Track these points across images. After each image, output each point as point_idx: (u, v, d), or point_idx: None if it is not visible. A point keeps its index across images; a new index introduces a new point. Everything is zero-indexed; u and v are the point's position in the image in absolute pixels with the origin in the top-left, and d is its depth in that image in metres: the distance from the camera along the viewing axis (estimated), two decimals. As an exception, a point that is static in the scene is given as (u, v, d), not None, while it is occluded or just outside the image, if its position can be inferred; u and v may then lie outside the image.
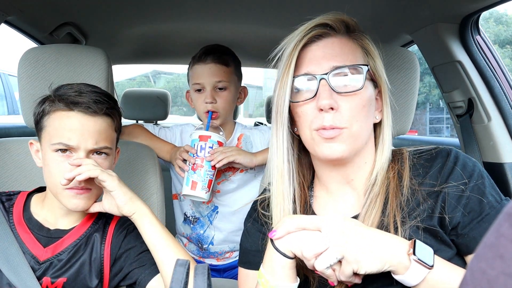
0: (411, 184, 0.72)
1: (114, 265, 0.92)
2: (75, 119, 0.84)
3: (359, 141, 0.72)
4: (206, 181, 1.24)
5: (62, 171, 0.83)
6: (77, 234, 0.91)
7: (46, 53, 1.14)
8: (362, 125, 0.71)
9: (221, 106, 1.37)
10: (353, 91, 0.70)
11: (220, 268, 1.51)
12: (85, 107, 0.84)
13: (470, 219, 0.67)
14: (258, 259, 0.81)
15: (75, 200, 0.85)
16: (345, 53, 0.72)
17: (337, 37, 0.74)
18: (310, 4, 1.32)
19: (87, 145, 0.84)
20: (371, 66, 0.74)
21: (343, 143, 0.70)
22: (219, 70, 1.36)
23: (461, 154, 0.72)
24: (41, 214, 0.91)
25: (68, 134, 0.83)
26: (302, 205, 0.81)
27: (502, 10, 15.21)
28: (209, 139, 1.25)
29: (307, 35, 0.72)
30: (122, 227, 0.95)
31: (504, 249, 0.24)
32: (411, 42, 1.51)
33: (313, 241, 0.63)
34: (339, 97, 0.70)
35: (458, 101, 1.35)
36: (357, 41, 0.75)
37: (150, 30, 1.72)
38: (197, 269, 0.41)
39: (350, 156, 0.73)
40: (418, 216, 0.69)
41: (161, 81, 17.54)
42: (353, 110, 0.70)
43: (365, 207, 0.73)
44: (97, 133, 0.85)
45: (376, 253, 0.61)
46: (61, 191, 0.84)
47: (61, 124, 0.84)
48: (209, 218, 1.46)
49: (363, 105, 0.70)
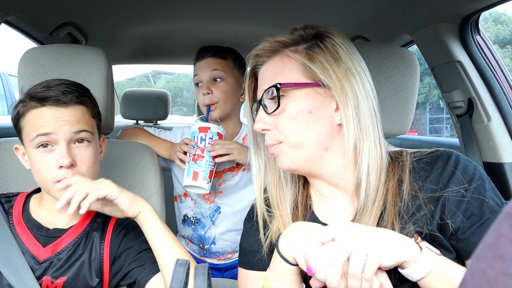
0: (410, 189, 0.72)
1: (113, 264, 0.92)
2: (48, 113, 0.85)
3: (306, 150, 0.73)
4: (208, 171, 1.24)
5: (47, 167, 0.84)
6: (76, 232, 0.91)
7: (46, 53, 1.14)
8: (300, 135, 0.72)
9: (218, 97, 1.38)
10: (274, 110, 0.74)
11: (221, 267, 1.51)
12: (55, 100, 0.85)
13: (471, 224, 0.67)
14: (258, 259, 0.81)
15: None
16: (274, 74, 0.75)
17: (269, 61, 0.78)
18: (309, 4, 1.32)
19: (65, 131, 0.84)
20: (309, 72, 0.72)
21: (286, 156, 0.75)
22: (214, 62, 1.40)
23: (462, 157, 0.72)
24: (40, 214, 0.92)
25: (44, 126, 0.84)
26: (303, 206, 0.81)
27: (501, 9, 15.21)
28: (209, 130, 1.26)
29: (250, 67, 0.83)
30: (121, 226, 0.95)
31: (504, 249, 0.24)
32: (411, 42, 1.51)
33: (334, 253, 0.61)
34: (271, 117, 0.75)
35: (458, 101, 1.35)
36: (288, 57, 0.75)
37: (150, 30, 1.72)
38: (197, 269, 0.41)
39: (303, 165, 0.75)
40: (418, 221, 0.69)
41: (161, 81, 17.55)
42: (283, 125, 0.73)
43: (359, 213, 0.72)
44: (72, 120, 0.86)
45: (392, 245, 0.61)
46: (52, 186, 0.85)
47: (35, 120, 0.85)
48: (211, 219, 1.46)
49: (293, 118, 0.72)
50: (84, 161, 0.87)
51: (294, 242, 0.66)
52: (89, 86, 1.15)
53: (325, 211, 0.80)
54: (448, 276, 0.61)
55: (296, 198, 0.82)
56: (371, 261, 0.59)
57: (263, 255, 0.81)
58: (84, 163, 0.87)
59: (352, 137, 0.71)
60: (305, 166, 0.75)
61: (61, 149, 0.84)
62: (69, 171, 0.84)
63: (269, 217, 0.82)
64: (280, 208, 0.80)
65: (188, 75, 18.00)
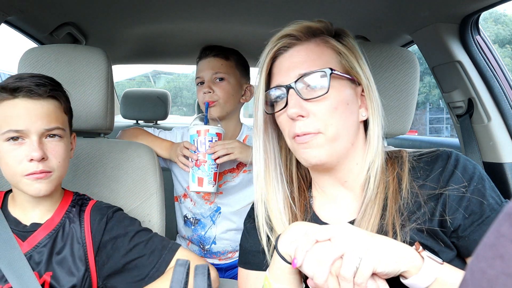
0: (410, 187, 0.72)
1: (98, 253, 0.91)
2: (20, 105, 0.84)
3: (339, 144, 0.72)
4: (212, 175, 1.24)
5: (17, 159, 0.83)
6: (52, 224, 0.91)
7: (46, 53, 1.14)
8: (339, 127, 0.71)
9: (219, 96, 1.38)
10: (319, 96, 0.70)
11: (222, 267, 1.51)
12: (28, 91, 0.84)
13: (471, 222, 0.67)
14: (258, 259, 0.81)
15: (37, 185, 0.84)
16: (311, 59, 0.72)
17: (303, 44, 0.75)
18: (310, 4, 1.32)
19: (37, 127, 0.84)
20: (344, 64, 0.74)
21: (320, 148, 0.71)
22: (217, 62, 1.41)
23: (462, 156, 0.72)
24: (16, 212, 0.92)
25: (15, 120, 0.83)
26: (302, 206, 0.81)
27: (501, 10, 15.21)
28: (207, 133, 1.25)
29: (273, 49, 0.75)
30: (99, 212, 0.95)
31: (504, 249, 0.24)
32: (411, 42, 1.51)
33: (326, 251, 0.60)
34: (308, 103, 0.71)
35: (458, 101, 1.35)
36: (326, 44, 0.75)
37: (150, 30, 1.72)
38: (197, 269, 0.41)
39: (331, 160, 0.72)
40: (418, 219, 0.69)
41: (161, 81, 17.55)
42: (325, 114, 0.70)
43: (361, 212, 0.72)
44: (45, 115, 0.85)
45: (390, 252, 0.59)
46: (20, 179, 0.84)
47: (7, 112, 0.84)
48: (212, 219, 1.46)
49: (335, 108, 0.70)
50: (56, 155, 0.86)
51: (292, 241, 0.66)
52: (89, 86, 1.15)
53: (327, 210, 0.80)
54: (453, 284, 0.60)
55: (290, 196, 0.81)
56: (364, 265, 0.57)
57: (264, 255, 0.81)
58: (55, 157, 0.86)
59: (376, 134, 0.74)
60: (332, 161, 0.73)
61: (33, 142, 0.83)
62: (40, 164, 0.83)
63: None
64: (271, 203, 0.79)
65: (188, 75, 18.00)
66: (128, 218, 0.97)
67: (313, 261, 0.60)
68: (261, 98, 0.76)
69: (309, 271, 0.61)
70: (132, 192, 1.15)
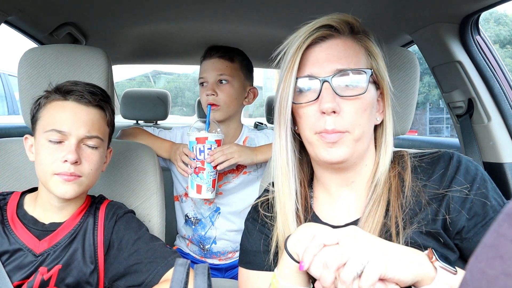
0: (413, 188, 0.72)
1: (108, 252, 0.92)
2: (68, 107, 0.88)
3: (361, 145, 0.72)
4: (210, 182, 1.25)
5: (53, 160, 0.85)
6: (72, 224, 0.93)
7: (46, 53, 1.14)
8: (364, 128, 0.71)
9: (222, 99, 1.37)
10: (356, 95, 0.69)
11: (222, 267, 1.51)
12: (79, 95, 0.88)
13: (474, 223, 0.67)
14: (259, 259, 0.81)
15: (64, 186, 0.86)
16: (349, 56, 0.71)
17: (341, 38, 0.73)
18: (311, 4, 1.32)
19: (79, 132, 0.87)
20: (374, 68, 0.74)
21: (345, 147, 0.70)
22: (222, 64, 1.39)
23: (464, 158, 0.72)
24: (35, 212, 0.93)
25: (61, 121, 0.86)
26: (303, 204, 0.80)
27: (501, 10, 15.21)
28: (206, 141, 1.23)
29: (311, 36, 0.71)
30: (111, 211, 0.97)
31: (504, 249, 0.24)
32: (411, 42, 1.51)
33: (332, 255, 0.60)
34: (341, 100, 0.69)
35: (458, 101, 1.35)
36: (361, 43, 0.75)
37: (150, 30, 1.72)
38: (197, 269, 0.41)
39: (350, 160, 0.73)
40: (421, 220, 0.69)
41: (161, 81, 17.53)
42: (356, 114, 0.69)
43: (367, 209, 0.72)
44: (89, 122, 0.88)
45: (400, 259, 0.58)
46: (50, 178, 0.86)
47: (55, 112, 0.87)
48: (211, 219, 1.46)
49: (365, 109, 0.70)
50: (90, 161, 0.89)
51: (301, 241, 0.66)
52: (89, 86, 1.15)
53: (328, 210, 0.80)
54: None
55: (296, 196, 0.80)
56: (371, 270, 0.56)
57: (265, 255, 0.80)
58: (89, 163, 0.89)
59: (391, 137, 0.75)
60: (351, 161, 0.73)
61: (71, 145, 0.86)
62: (72, 166, 0.85)
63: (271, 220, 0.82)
64: (286, 204, 0.76)
65: (189, 75, 17.96)
66: (136, 222, 0.98)
67: (320, 264, 0.60)
68: (291, 87, 0.71)
69: (316, 274, 0.61)
70: (132, 192, 1.15)
